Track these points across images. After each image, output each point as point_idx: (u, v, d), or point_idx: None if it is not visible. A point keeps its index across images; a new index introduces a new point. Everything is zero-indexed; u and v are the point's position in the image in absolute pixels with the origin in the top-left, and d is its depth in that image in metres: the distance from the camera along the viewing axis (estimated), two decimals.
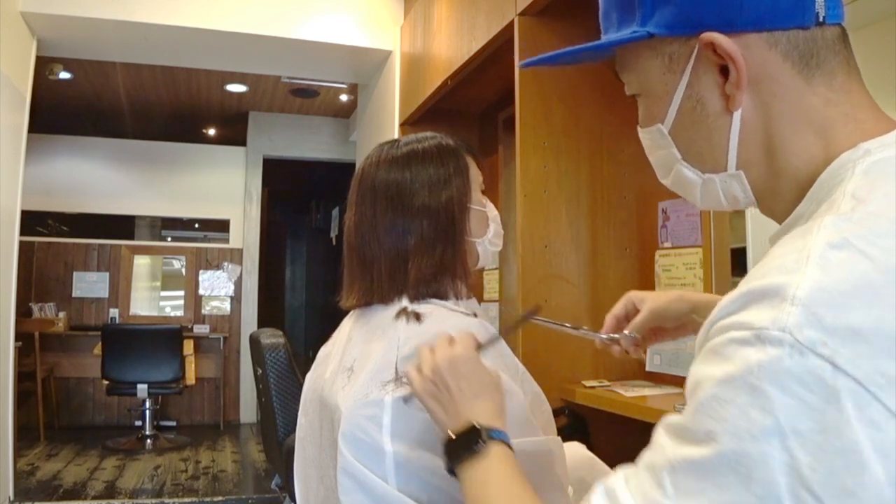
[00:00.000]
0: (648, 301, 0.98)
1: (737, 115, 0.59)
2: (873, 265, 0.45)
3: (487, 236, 1.07)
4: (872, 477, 0.42)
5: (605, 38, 0.67)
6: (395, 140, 1.08)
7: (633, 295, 1.01)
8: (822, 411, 0.43)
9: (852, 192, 0.52)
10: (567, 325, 1.05)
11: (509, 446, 0.76)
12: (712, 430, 0.46)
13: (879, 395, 0.42)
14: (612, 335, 0.99)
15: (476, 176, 1.07)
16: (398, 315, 0.97)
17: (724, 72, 0.59)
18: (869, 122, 0.58)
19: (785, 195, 0.60)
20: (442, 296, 1.01)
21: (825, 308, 0.44)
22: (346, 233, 1.06)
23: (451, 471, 0.77)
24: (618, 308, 1.01)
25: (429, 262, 0.99)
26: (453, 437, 0.77)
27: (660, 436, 0.52)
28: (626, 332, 0.98)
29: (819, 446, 0.43)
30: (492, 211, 1.09)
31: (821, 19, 0.57)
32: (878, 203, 0.50)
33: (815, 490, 0.43)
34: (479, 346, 0.85)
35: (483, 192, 1.08)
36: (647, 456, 0.52)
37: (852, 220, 0.49)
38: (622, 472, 0.54)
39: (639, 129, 0.69)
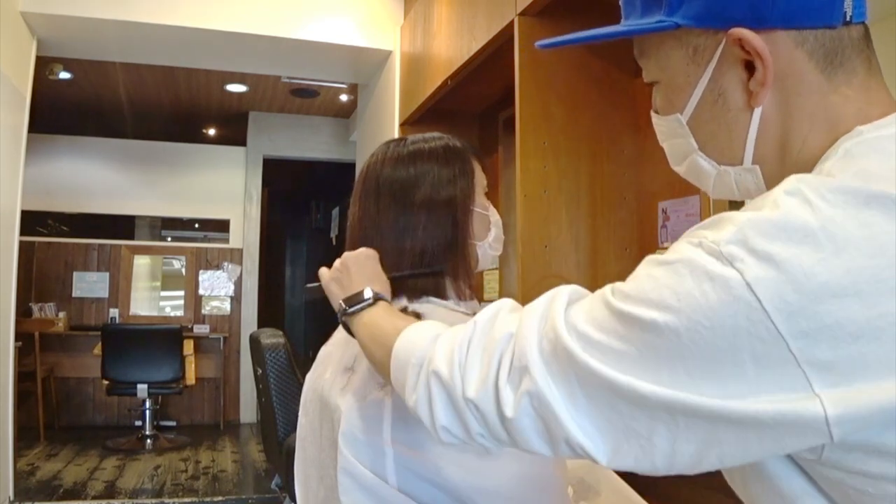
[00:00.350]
0: None
1: (758, 111, 0.60)
2: (813, 212, 0.48)
3: (488, 240, 1.07)
4: (743, 377, 0.48)
5: (627, 24, 0.66)
6: (403, 138, 1.08)
7: None
8: (716, 311, 0.48)
9: (828, 171, 0.53)
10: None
11: (380, 300, 0.89)
12: (630, 293, 0.53)
13: (773, 317, 0.46)
14: None
15: (480, 179, 1.07)
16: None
17: (749, 67, 0.59)
18: (879, 114, 0.58)
19: None
20: (444, 296, 1.01)
21: (753, 232, 0.49)
22: (349, 228, 1.06)
23: (347, 328, 0.90)
24: None
25: (433, 262, 0.99)
26: (348, 297, 0.90)
27: (606, 288, 0.58)
28: None
29: (704, 339, 0.48)
30: (494, 215, 1.09)
31: (848, 18, 0.57)
32: (845, 176, 0.51)
33: (689, 369, 0.49)
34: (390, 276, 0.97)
35: (486, 196, 1.09)
36: (592, 294, 0.60)
37: (814, 176, 0.52)
38: (567, 290, 0.62)
39: (653, 115, 0.69)
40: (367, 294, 0.88)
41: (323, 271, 0.98)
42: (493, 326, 0.64)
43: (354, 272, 0.93)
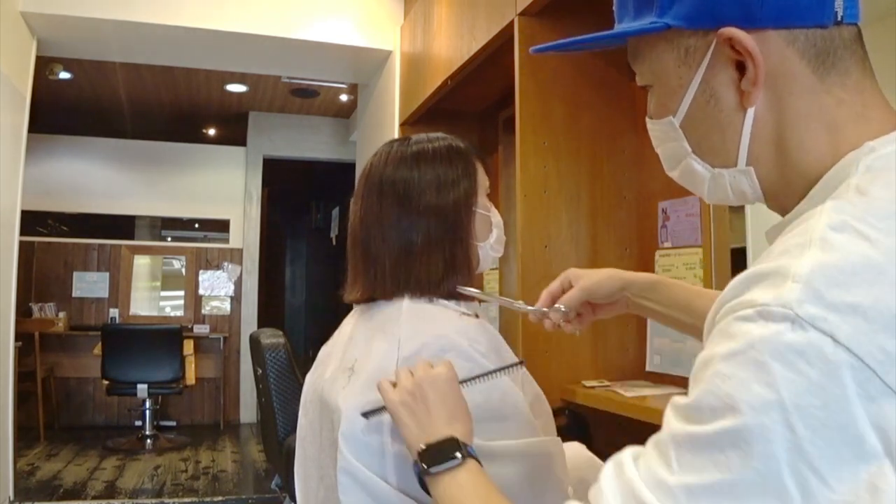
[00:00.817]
0: (582, 278, 1.00)
1: (750, 112, 0.59)
2: (872, 246, 0.46)
3: (489, 241, 1.07)
4: (871, 449, 0.42)
5: (620, 27, 0.66)
6: (406, 138, 1.08)
7: (571, 272, 1.03)
8: (822, 386, 0.43)
9: (856, 186, 0.52)
10: (500, 297, 1.05)
11: (467, 458, 0.77)
12: (715, 406, 0.46)
13: (879, 371, 0.43)
14: (542, 308, 1.01)
15: (483, 180, 1.07)
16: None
17: (741, 67, 0.58)
18: (878, 120, 0.58)
19: (795, 191, 0.60)
20: (446, 295, 1.01)
21: (826, 285, 0.45)
22: (350, 227, 1.06)
23: (422, 482, 0.78)
24: (554, 285, 1.03)
25: (436, 262, 0.99)
26: (430, 448, 0.77)
27: (667, 415, 0.52)
28: (556, 305, 1.00)
29: (820, 422, 0.43)
30: (496, 216, 1.09)
31: (839, 18, 0.57)
32: (879, 191, 0.50)
33: (815, 465, 0.43)
34: (462, 381, 0.85)
35: (488, 197, 1.09)
36: (655, 435, 0.53)
37: (853, 203, 0.50)
38: (631, 449, 0.55)
39: (648, 120, 0.68)
40: (457, 455, 0.75)
41: (386, 388, 0.83)
42: None
43: (433, 402, 0.80)
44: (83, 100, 6.05)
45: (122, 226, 6.64)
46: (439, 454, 0.76)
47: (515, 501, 0.88)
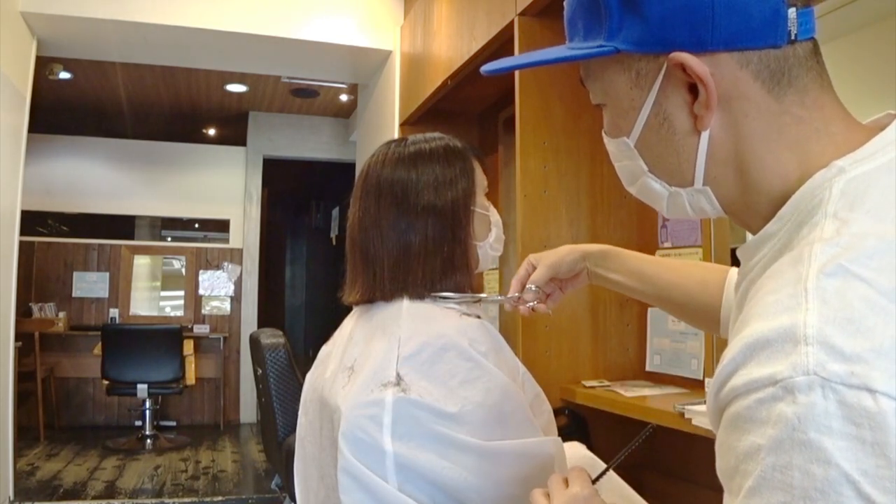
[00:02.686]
0: (544, 258, 1.04)
1: (705, 135, 0.58)
2: (872, 288, 0.45)
3: (489, 240, 1.07)
4: None
5: (570, 46, 0.65)
6: (403, 138, 1.08)
7: (531, 256, 1.06)
8: (880, 442, 0.41)
9: (834, 214, 0.51)
10: (472, 295, 1.06)
11: None
12: (784, 502, 0.43)
13: None
14: (514, 295, 1.03)
15: (481, 180, 1.07)
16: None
17: (693, 90, 0.57)
18: (841, 134, 0.57)
19: (759, 210, 0.60)
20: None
21: (840, 338, 0.43)
22: (349, 228, 1.06)
23: None
24: (520, 271, 1.06)
25: (435, 262, 0.99)
26: None
27: None
28: (527, 286, 1.03)
29: (891, 479, 0.40)
30: (494, 216, 1.09)
31: (793, 37, 0.56)
32: (861, 223, 0.49)
33: None
34: (594, 480, 0.80)
35: (487, 196, 1.09)
36: None
37: (840, 244, 0.48)
38: None
39: (604, 135, 0.68)
40: None
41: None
42: None
43: None
44: (83, 100, 6.05)
45: (122, 226, 6.64)
46: None
47: (516, 501, 0.88)
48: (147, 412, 5.54)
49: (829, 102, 0.58)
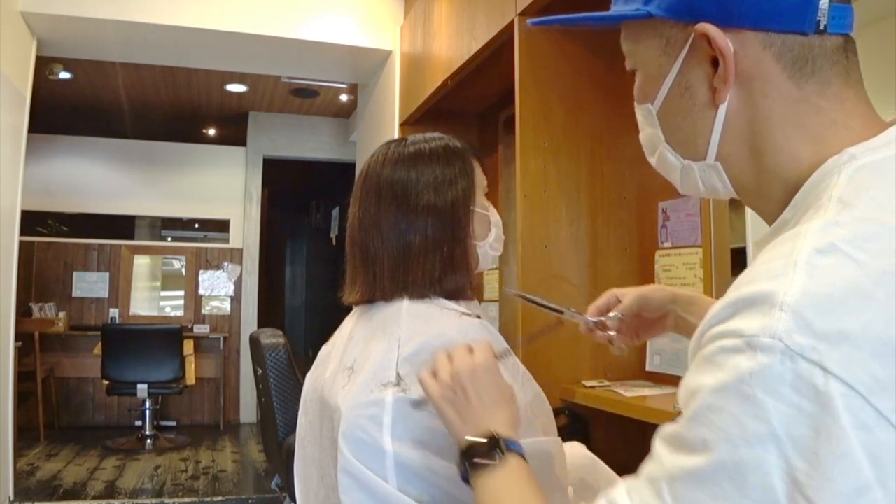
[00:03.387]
0: (630, 291, 1.01)
1: (722, 109, 0.60)
2: (861, 270, 0.45)
3: (488, 240, 1.07)
4: (866, 481, 0.42)
5: (612, 11, 0.68)
6: (403, 138, 1.08)
7: (615, 290, 1.03)
8: (815, 416, 0.43)
9: (839, 197, 0.52)
10: (554, 305, 1.05)
11: (524, 458, 0.76)
12: (707, 439, 0.46)
13: (870, 399, 0.42)
14: (599, 318, 1.01)
15: (481, 180, 1.07)
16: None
17: (716, 64, 0.59)
18: (859, 129, 0.57)
19: (772, 196, 0.60)
20: (446, 295, 1.01)
21: (814, 313, 0.44)
22: (349, 228, 1.06)
23: (465, 478, 0.77)
24: (600, 301, 1.04)
25: (434, 262, 0.99)
26: (470, 444, 0.77)
27: (657, 446, 0.52)
28: (611, 313, 1.00)
29: (814, 452, 0.43)
30: (494, 216, 1.09)
31: (821, 27, 0.56)
32: (865, 207, 0.50)
33: (810, 496, 0.43)
34: (497, 356, 0.84)
35: (486, 196, 1.09)
36: (646, 467, 0.53)
37: (839, 224, 0.49)
38: (625, 485, 0.54)
39: (635, 105, 0.70)
40: (497, 456, 0.75)
41: (427, 382, 0.82)
42: None
43: (473, 395, 0.79)
44: (83, 100, 6.05)
45: (122, 226, 6.64)
46: (478, 453, 0.76)
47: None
48: (147, 412, 5.54)
49: (853, 98, 0.59)
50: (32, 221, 5.73)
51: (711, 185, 0.64)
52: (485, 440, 0.76)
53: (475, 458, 0.76)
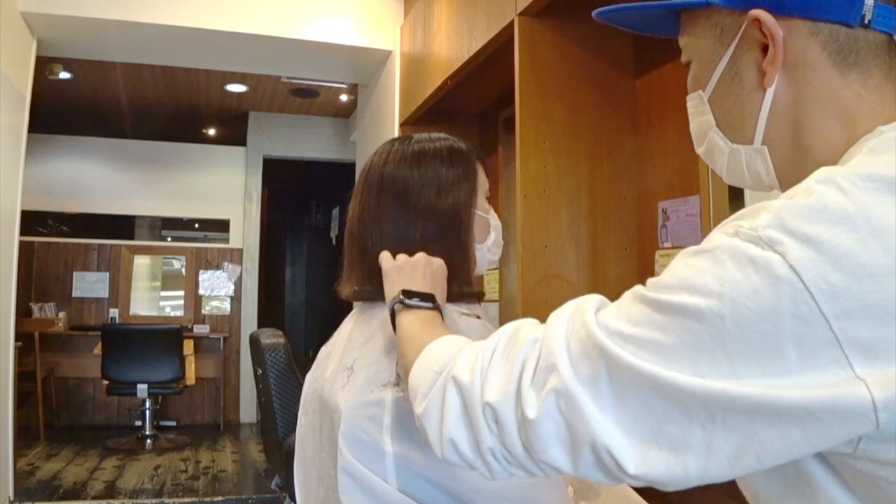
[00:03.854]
0: None
1: (770, 92, 0.63)
2: (847, 197, 0.49)
3: (487, 243, 1.07)
4: (785, 363, 0.47)
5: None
6: (408, 137, 1.08)
7: None
8: (760, 293, 0.48)
9: (854, 164, 0.55)
10: None
11: (437, 310, 0.88)
12: (671, 284, 0.54)
13: (818, 298, 0.47)
14: None
15: (483, 182, 1.07)
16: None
17: (765, 50, 0.62)
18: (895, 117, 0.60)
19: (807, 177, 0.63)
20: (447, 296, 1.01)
21: (791, 216, 0.50)
22: (348, 222, 1.06)
23: (393, 317, 0.89)
24: None
25: None
26: (411, 291, 0.89)
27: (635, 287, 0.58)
28: None
29: (748, 321, 0.48)
30: (494, 219, 1.09)
31: (866, 21, 0.60)
32: (872, 165, 0.53)
33: (731, 356, 0.49)
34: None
35: (488, 200, 1.09)
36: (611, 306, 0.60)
37: (841, 170, 0.53)
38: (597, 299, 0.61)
39: (688, 98, 0.73)
40: (431, 302, 0.88)
41: (386, 255, 0.96)
42: (517, 334, 0.63)
43: (421, 273, 0.92)
44: (83, 100, 6.05)
45: (122, 226, 6.65)
46: (418, 295, 0.88)
47: (516, 501, 0.88)
48: (147, 412, 5.54)
49: (892, 91, 0.62)
50: (32, 221, 5.73)
51: (755, 171, 0.67)
52: (428, 294, 0.89)
53: (412, 298, 0.88)
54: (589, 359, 0.55)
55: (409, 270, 0.92)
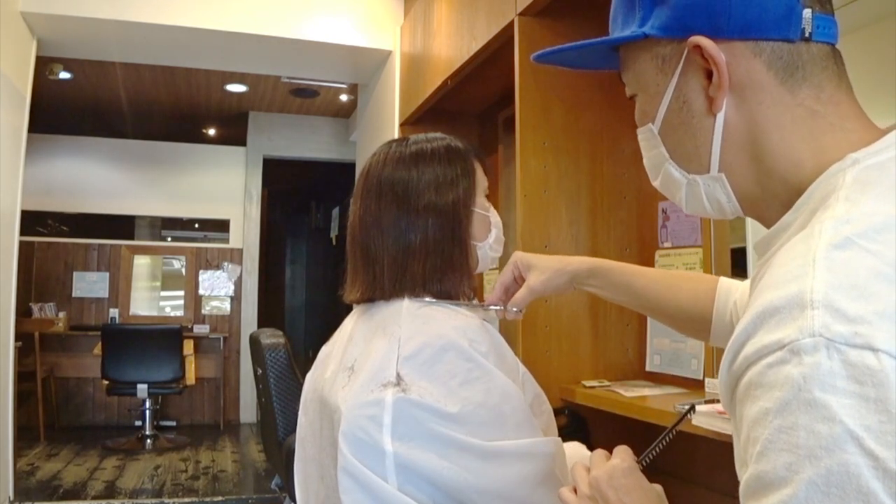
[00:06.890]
0: (530, 275, 1.05)
1: (720, 117, 0.62)
2: (878, 259, 0.46)
3: (488, 241, 1.07)
4: None
5: (610, 36, 0.70)
6: (405, 138, 1.09)
7: (520, 261, 1.08)
8: (882, 399, 0.41)
9: (846, 197, 0.53)
10: (456, 302, 1.03)
11: None
12: (789, 463, 0.44)
13: None
14: (496, 307, 1.08)
15: (482, 180, 1.07)
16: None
17: (710, 75, 0.61)
18: (857, 131, 0.59)
19: (776, 199, 0.62)
20: (447, 296, 1.01)
21: (845, 302, 0.44)
22: (350, 227, 1.06)
23: None
24: (506, 275, 1.08)
25: (434, 262, 0.99)
26: None
27: (744, 499, 0.48)
28: (508, 307, 1.07)
29: (893, 433, 0.41)
30: (494, 217, 1.09)
31: (807, 35, 0.59)
32: (871, 204, 0.51)
33: None
34: (638, 459, 0.78)
35: (487, 198, 1.09)
36: None
37: (850, 220, 0.50)
38: None
39: (637, 132, 0.71)
40: None
41: (568, 499, 0.75)
42: None
43: (614, 500, 0.72)
44: (83, 100, 6.05)
45: (122, 226, 6.65)
46: None
47: (515, 501, 0.88)
48: (147, 412, 5.55)
49: (846, 101, 0.61)
50: (32, 221, 5.73)
51: (716, 200, 0.65)
52: None
53: None
54: None
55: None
